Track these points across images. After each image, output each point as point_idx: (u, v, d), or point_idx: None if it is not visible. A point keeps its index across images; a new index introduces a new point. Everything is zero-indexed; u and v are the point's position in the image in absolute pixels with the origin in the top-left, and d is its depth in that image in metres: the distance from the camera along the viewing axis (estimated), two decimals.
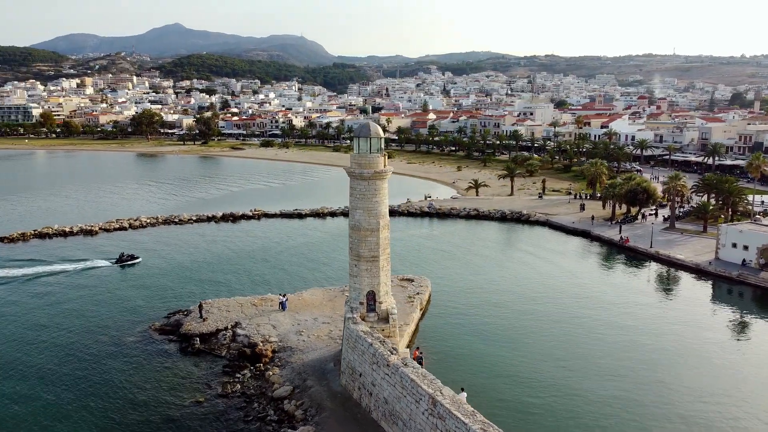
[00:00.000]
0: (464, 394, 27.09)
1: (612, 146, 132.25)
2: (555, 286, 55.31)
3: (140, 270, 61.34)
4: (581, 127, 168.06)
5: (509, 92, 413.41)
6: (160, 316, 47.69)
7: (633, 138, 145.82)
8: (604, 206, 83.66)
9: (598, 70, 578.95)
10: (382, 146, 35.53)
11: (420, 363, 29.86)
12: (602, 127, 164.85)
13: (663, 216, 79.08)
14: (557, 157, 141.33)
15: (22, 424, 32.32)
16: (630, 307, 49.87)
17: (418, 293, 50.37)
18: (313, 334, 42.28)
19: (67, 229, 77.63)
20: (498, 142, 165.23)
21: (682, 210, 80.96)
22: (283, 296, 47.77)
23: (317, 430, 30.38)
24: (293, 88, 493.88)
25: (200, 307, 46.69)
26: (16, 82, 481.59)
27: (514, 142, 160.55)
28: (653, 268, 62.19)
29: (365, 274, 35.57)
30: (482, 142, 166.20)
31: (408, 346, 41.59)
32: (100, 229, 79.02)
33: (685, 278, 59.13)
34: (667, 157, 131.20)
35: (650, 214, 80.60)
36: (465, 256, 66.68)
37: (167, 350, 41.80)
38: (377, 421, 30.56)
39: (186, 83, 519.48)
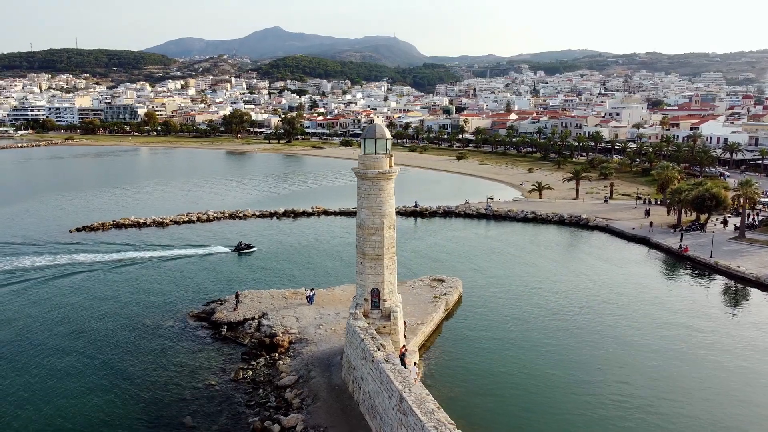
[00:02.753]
0: (415, 368, 27.88)
1: (697, 149, 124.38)
2: (595, 296, 52.94)
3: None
4: (668, 129, 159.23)
5: (602, 92, 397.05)
6: (200, 304, 50.98)
7: (725, 141, 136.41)
8: (668, 212, 79.35)
9: (704, 68, 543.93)
10: (389, 148, 36.13)
11: (402, 360, 30.37)
12: (692, 128, 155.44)
13: (734, 225, 73.90)
14: (638, 160, 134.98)
15: (43, 386, 36.01)
16: (676, 322, 46.68)
17: (445, 294, 50.51)
18: (330, 327, 43.72)
19: (141, 221, 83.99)
20: (576, 143, 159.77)
21: (758, 218, 75.35)
22: (311, 290, 49.58)
23: (306, 418, 31.73)
24: (382, 88, 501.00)
25: (237, 296, 49.49)
26: (128, 84, 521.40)
27: (593, 144, 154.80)
28: (710, 280, 58.39)
29: (370, 271, 36.47)
30: (559, 143, 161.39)
31: (422, 346, 42.23)
32: (170, 221, 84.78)
33: (744, 292, 55.10)
34: (760, 161, 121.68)
35: (721, 222, 75.56)
36: (509, 259, 65.61)
37: (198, 336, 44.72)
38: (363, 414, 31.46)
39: (280, 84, 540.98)
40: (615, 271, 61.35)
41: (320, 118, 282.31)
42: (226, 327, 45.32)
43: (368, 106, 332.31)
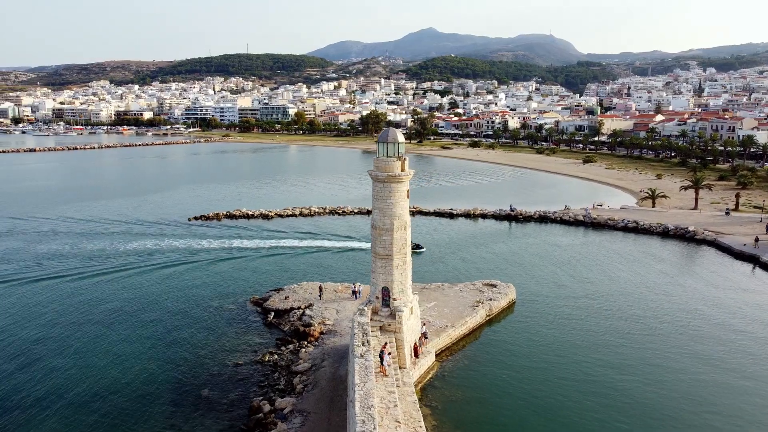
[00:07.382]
0: (388, 357, 28.95)
1: None
2: (665, 320, 47.70)
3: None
4: None
5: None
6: (263, 291, 55.39)
7: None
8: None
9: None
10: (401, 152, 36.96)
11: (381, 358, 31.31)
12: None
13: None
14: None
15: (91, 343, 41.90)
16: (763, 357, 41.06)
17: (491, 299, 49.85)
18: None
19: (250, 213, 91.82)
20: (722, 148, 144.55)
21: None
22: (357, 285, 51.72)
23: (296, 402, 33.94)
24: (529, 88, 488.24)
25: (320, 288, 52.70)
26: (287, 85, 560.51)
27: (742, 149, 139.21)
28: None
29: (380, 270, 37.73)
30: (701, 147, 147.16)
31: (447, 348, 42.46)
32: (275, 214, 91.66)
33: None
34: None
35: None
36: (584, 270, 61.98)
37: (248, 320, 48.87)
38: (347, 404, 32.94)
39: (426, 84, 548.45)
40: (702, 291, 55.57)
41: (455, 118, 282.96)
42: (273, 314, 49.03)
43: (507, 107, 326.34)
